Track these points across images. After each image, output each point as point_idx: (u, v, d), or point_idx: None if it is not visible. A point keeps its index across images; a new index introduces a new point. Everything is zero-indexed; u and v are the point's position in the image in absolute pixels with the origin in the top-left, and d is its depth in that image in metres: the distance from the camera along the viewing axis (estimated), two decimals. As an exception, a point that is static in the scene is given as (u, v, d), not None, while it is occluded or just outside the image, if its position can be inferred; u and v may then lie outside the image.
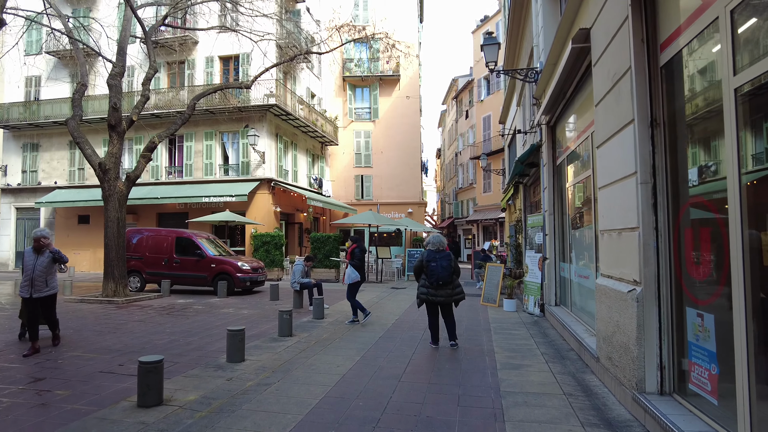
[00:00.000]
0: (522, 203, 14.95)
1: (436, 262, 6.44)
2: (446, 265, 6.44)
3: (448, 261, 6.49)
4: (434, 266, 6.42)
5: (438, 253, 6.53)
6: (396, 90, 27.52)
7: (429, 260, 6.47)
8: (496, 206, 28.55)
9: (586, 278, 6.81)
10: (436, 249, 6.58)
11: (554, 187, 9.11)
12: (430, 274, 6.44)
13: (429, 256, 6.51)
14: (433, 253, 6.53)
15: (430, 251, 6.57)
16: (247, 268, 12.53)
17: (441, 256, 6.50)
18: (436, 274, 6.41)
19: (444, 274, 6.42)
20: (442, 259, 6.48)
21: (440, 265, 6.42)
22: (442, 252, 6.58)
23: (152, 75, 11.46)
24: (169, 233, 13.03)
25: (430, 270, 6.43)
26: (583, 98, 6.72)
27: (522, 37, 12.71)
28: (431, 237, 6.78)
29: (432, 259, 6.47)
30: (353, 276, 8.52)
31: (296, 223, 22.36)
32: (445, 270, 6.41)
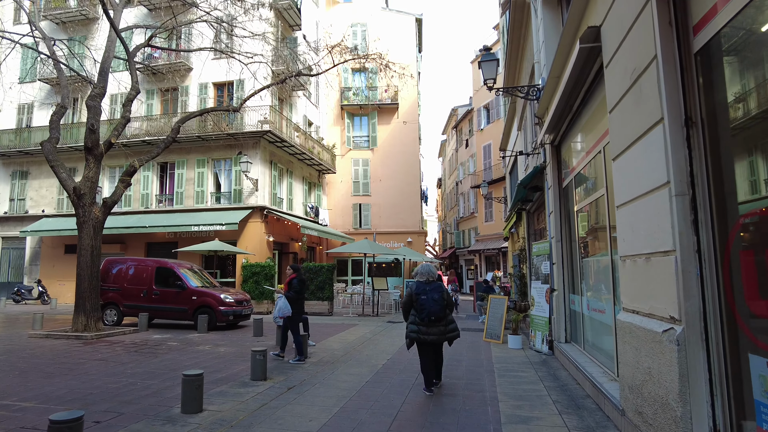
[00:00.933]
0: (525, 231, 14.16)
1: (426, 295, 5.60)
2: (438, 297, 5.61)
3: (440, 293, 5.66)
4: (424, 300, 5.58)
5: (428, 285, 5.70)
6: (395, 118, 27.19)
7: (418, 293, 5.64)
8: (499, 235, 27.74)
9: (601, 312, 5.95)
10: (425, 280, 5.76)
11: (561, 212, 8.35)
12: (420, 309, 5.60)
13: (418, 288, 5.68)
14: (422, 284, 5.70)
15: (419, 283, 5.74)
16: (230, 300, 11.66)
17: (431, 288, 5.68)
18: (427, 309, 5.56)
19: (436, 308, 5.57)
20: (433, 291, 5.65)
21: (431, 298, 5.58)
22: (433, 283, 5.75)
23: (133, 96, 10.95)
24: (149, 263, 12.22)
25: (420, 304, 5.59)
26: (592, 110, 6.04)
27: (522, 57, 12.24)
28: (420, 267, 5.95)
29: (421, 291, 5.64)
30: (285, 310, 7.77)
31: (290, 253, 21.53)
32: (436, 303, 5.58)
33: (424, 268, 5.87)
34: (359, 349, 8.91)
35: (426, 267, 5.87)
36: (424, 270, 5.84)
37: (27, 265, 21.07)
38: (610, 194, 5.39)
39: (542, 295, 8.93)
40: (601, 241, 6.03)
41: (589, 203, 6.39)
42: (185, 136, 18.79)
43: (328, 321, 13.73)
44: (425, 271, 5.83)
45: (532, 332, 9.39)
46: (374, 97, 26.82)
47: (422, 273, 5.83)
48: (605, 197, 5.49)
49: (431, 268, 5.90)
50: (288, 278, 8.24)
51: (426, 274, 5.80)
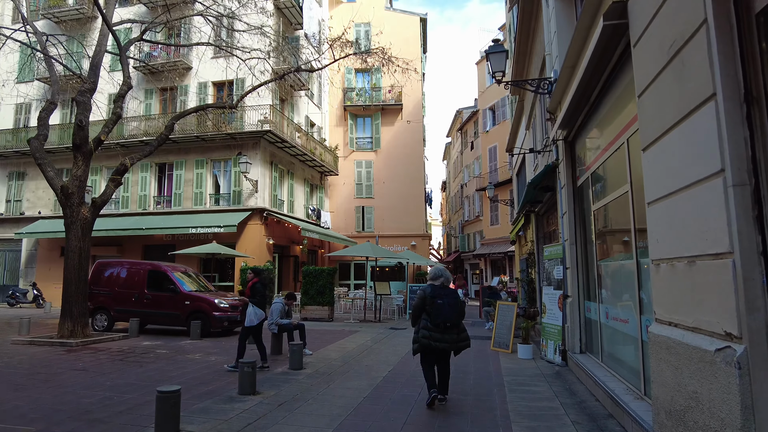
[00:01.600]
0: (534, 234, 13.58)
1: (442, 299, 5.19)
2: (453, 303, 5.22)
3: (455, 299, 5.28)
4: (441, 304, 5.16)
5: (443, 290, 5.29)
6: (399, 119, 26.69)
7: (434, 296, 5.21)
8: (505, 239, 27.12)
9: (623, 322, 5.38)
10: (440, 284, 5.33)
11: (575, 212, 7.78)
12: (435, 314, 5.14)
13: (434, 291, 5.26)
14: (439, 289, 5.29)
15: (435, 286, 5.32)
16: (225, 306, 11.14)
17: (446, 293, 5.28)
18: (444, 314, 5.13)
19: (452, 314, 5.17)
20: (448, 296, 5.25)
21: (447, 303, 5.16)
22: (448, 289, 5.34)
23: (125, 92, 10.50)
24: (142, 266, 11.74)
25: (436, 308, 5.15)
26: (613, 98, 5.49)
27: (531, 53, 11.70)
28: (435, 269, 5.53)
29: (437, 295, 5.22)
30: (259, 314, 7.42)
31: (291, 256, 21.03)
32: (452, 309, 5.18)
33: (440, 271, 5.47)
34: (359, 359, 8.36)
35: (441, 270, 5.49)
36: (439, 273, 5.44)
37: (23, 267, 20.67)
38: (635, 190, 4.84)
39: (555, 302, 8.35)
40: (623, 243, 5.47)
41: (609, 202, 5.83)
42: (184, 136, 18.38)
43: (328, 327, 13.18)
44: (441, 274, 5.42)
45: (543, 341, 8.80)
46: (378, 98, 26.35)
47: (437, 276, 5.41)
48: (629, 194, 4.94)
49: (447, 272, 5.49)
50: (250, 282, 7.72)
51: (442, 278, 5.38)
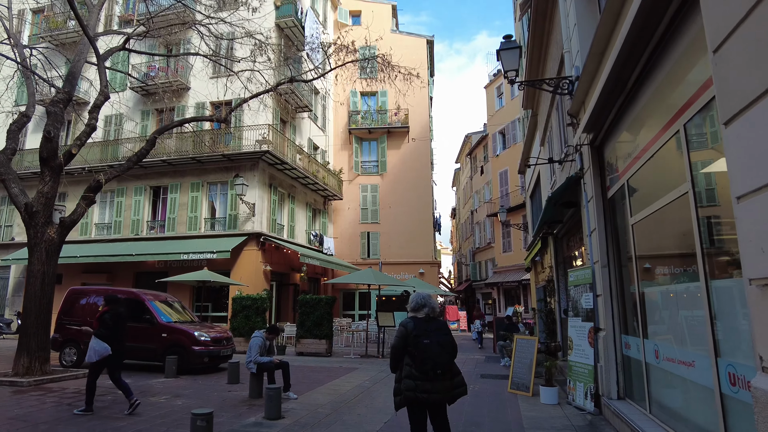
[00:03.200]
0: (553, 259, 12.29)
1: (429, 338, 3.80)
2: (444, 341, 3.83)
3: (446, 335, 3.89)
4: (427, 345, 3.77)
5: (429, 323, 3.90)
6: (405, 142, 25.83)
7: (418, 335, 3.81)
8: (519, 267, 25.69)
9: (686, 365, 4.08)
10: (425, 316, 3.95)
11: (606, 228, 6.57)
12: (421, 358, 3.76)
13: (417, 327, 3.85)
14: (423, 323, 3.89)
15: (418, 320, 3.91)
16: (205, 339, 9.92)
17: (435, 327, 3.89)
18: (432, 358, 3.75)
19: (443, 356, 3.79)
20: (438, 332, 3.85)
21: (436, 342, 3.80)
22: (435, 321, 3.96)
23: (101, 102, 9.66)
24: (116, 293, 10.60)
25: (422, 350, 3.77)
26: (661, 78, 4.36)
27: (546, 56, 10.72)
28: (416, 297, 4.06)
29: (422, 332, 3.83)
30: (99, 350, 6.18)
31: (291, 285, 19.81)
32: (443, 350, 3.80)
33: (423, 299, 4.02)
34: (352, 405, 7.05)
35: (425, 298, 4.04)
36: (421, 301, 4.00)
37: (9, 296, 19.70)
38: (698, 190, 3.66)
39: (584, 336, 7.02)
40: (682, 261, 4.24)
41: (657, 210, 4.62)
42: (179, 157, 17.60)
43: (324, 363, 11.85)
44: (424, 303, 3.99)
45: (570, 383, 7.42)
46: (384, 120, 25.59)
47: (419, 305, 3.99)
48: (689, 195, 3.74)
49: (432, 299, 4.09)
50: (99, 313, 6.59)
51: (425, 306, 3.98)
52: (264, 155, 17.05)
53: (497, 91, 31.54)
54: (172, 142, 17.96)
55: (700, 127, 3.66)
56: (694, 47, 3.58)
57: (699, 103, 3.54)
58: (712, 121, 3.46)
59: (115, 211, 18.76)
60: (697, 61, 3.56)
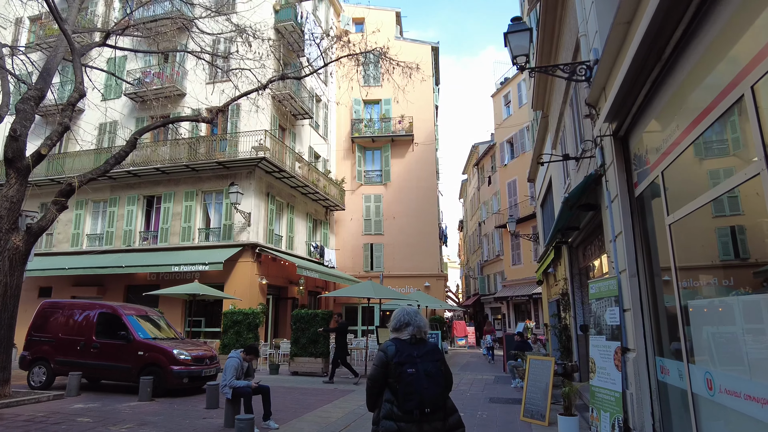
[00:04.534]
0: (567, 270, 11.30)
1: (415, 366, 2.89)
2: (434, 370, 2.92)
3: (438, 361, 2.98)
4: (413, 374, 2.87)
5: (416, 347, 2.99)
6: (410, 151, 25.05)
7: (401, 362, 2.91)
8: (529, 280, 24.60)
9: (762, 404, 3.11)
10: (410, 338, 3.04)
11: (635, 232, 5.64)
12: (406, 393, 2.85)
13: (400, 353, 2.94)
14: (407, 347, 2.98)
15: (401, 344, 3.00)
16: (185, 358, 9.02)
17: (423, 352, 2.98)
18: (419, 392, 2.84)
19: (433, 389, 2.88)
20: (426, 358, 2.95)
21: (424, 372, 2.89)
22: (425, 345, 3.04)
23: (76, 99, 8.95)
24: (91, 307, 9.81)
25: (407, 382, 2.86)
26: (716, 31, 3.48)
27: (558, 47, 9.88)
28: (399, 313, 3.15)
29: (406, 359, 2.91)
30: None
31: (289, 299, 18.90)
32: (433, 382, 2.90)
33: (408, 315, 3.10)
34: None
35: (411, 314, 3.12)
36: (405, 318, 3.09)
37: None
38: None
39: (609, 358, 6.03)
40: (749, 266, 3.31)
41: (708, 203, 3.70)
42: (173, 165, 16.91)
43: (317, 385, 10.89)
44: (409, 320, 3.08)
45: (593, 412, 6.41)
46: (387, 129, 24.87)
47: (402, 323, 3.09)
48: (762, 177, 2.83)
49: (419, 316, 3.14)
50: None
51: (410, 325, 3.06)
52: (260, 162, 16.31)
53: (504, 100, 30.79)
54: (167, 150, 17.30)
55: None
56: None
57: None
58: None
59: (107, 221, 18.07)
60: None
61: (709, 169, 3.78)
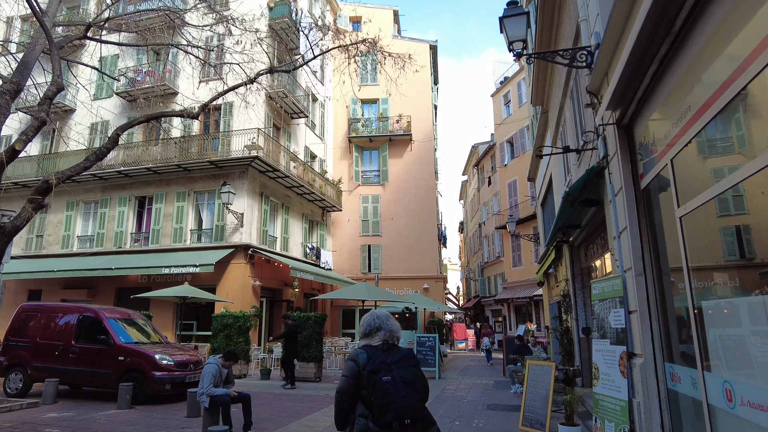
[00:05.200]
0: (569, 271, 10.87)
1: (390, 374, 2.58)
2: (411, 377, 2.63)
3: (413, 368, 2.69)
4: (387, 383, 2.55)
5: (389, 354, 2.69)
6: (408, 151, 24.65)
7: (374, 370, 2.59)
8: (530, 282, 24.14)
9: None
10: (381, 344, 2.72)
11: (641, 227, 5.22)
12: (380, 404, 2.51)
13: (372, 360, 2.62)
14: (379, 354, 2.68)
15: (373, 350, 2.70)
16: (168, 363, 8.60)
17: (397, 358, 2.68)
18: (397, 402, 2.52)
19: (411, 398, 2.57)
20: (401, 364, 2.65)
21: (401, 379, 2.59)
22: (398, 351, 2.75)
23: (53, 93, 8.55)
24: (72, 310, 9.40)
25: (381, 392, 2.53)
26: (727, 4, 3.07)
27: (558, 36, 9.47)
28: (369, 317, 2.85)
29: (380, 367, 2.60)
30: None
31: (284, 301, 18.46)
32: (411, 390, 2.59)
33: (380, 319, 2.81)
34: (323, 449, 5.66)
35: (379, 317, 2.82)
36: (375, 322, 2.79)
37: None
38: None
39: (614, 363, 5.60)
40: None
41: (723, 192, 3.29)
42: (164, 165, 16.52)
43: (309, 391, 10.45)
44: (380, 325, 2.77)
45: (596, 421, 5.98)
46: (385, 128, 24.47)
47: (372, 328, 2.78)
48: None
49: (390, 320, 2.84)
50: None
51: (380, 330, 2.75)
52: (253, 161, 15.91)
53: (504, 99, 30.40)
54: (158, 150, 16.92)
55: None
56: None
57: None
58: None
59: (98, 222, 17.68)
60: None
61: (726, 151, 3.36)
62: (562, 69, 9.26)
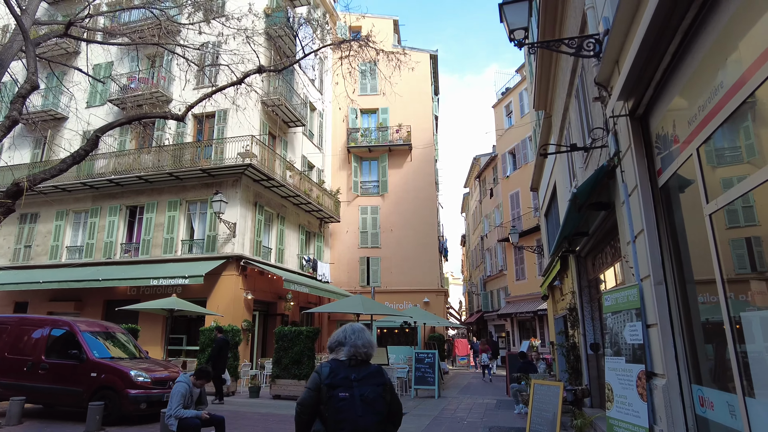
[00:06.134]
0: (575, 283, 10.23)
1: (349, 390, 2.44)
2: (373, 396, 2.47)
3: (378, 388, 2.51)
4: (344, 399, 2.41)
5: (354, 370, 2.53)
6: (407, 161, 24.17)
7: (333, 384, 2.45)
8: (533, 296, 23.42)
9: None
10: (349, 359, 2.56)
11: (660, 229, 4.63)
12: (335, 422, 2.39)
13: (334, 375, 2.48)
14: (345, 368, 2.52)
15: (338, 364, 2.55)
16: (144, 380, 7.97)
17: (363, 375, 2.53)
18: (352, 421, 2.38)
19: (369, 418, 2.42)
20: (365, 382, 2.50)
21: (360, 397, 2.43)
22: (366, 367, 2.58)
23: (27, 92, 8.09)
24: (44, 323, 8.80)
25: (336, 408, 2.40)
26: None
27: (562, 28, 8.98)
28: (339, 331, 2.68)
29: (340, 382, 2.46)
30: None
31: (278, 315, 17.80)
32: (370, 409, 2.43)
33: (350, 333, 2.63)
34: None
35: (345, 331, 2.66)
36: (338, 336, 2.66)
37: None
38: None
39: (630, 384, 4.97)
40: None
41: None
42: (156, 173, 16.05)
43: (298, 409, 9.76)
44: (342, 338, 2.63)
45: (611, 450, 5.31)
46: (385, 138, 24.04)
47: (335, 342, 2.65)
48: None
49: (363, 333, 2.65)
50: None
51: (343, 345, 2.61)
52: (247, 169, 15.43)
53: (506, 110, 30.01)
54: (150, 158, 16.47)
55: None
56: None
57: None
58: None
59: (88, 233, 17.16)
60: None
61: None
62: (567, 68, 8.79)
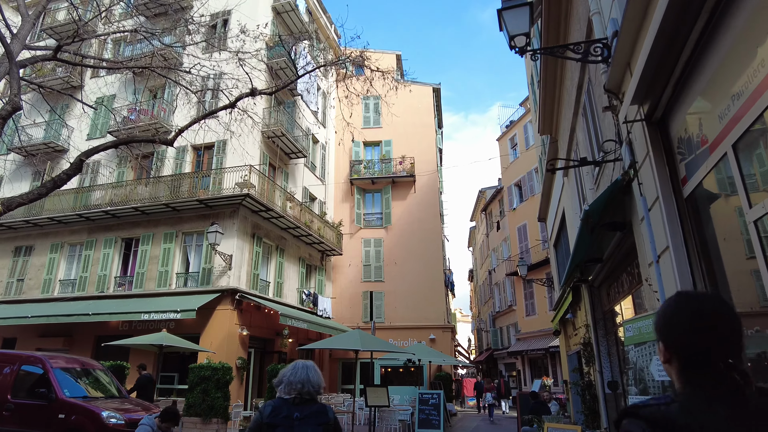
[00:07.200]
0: (589, 315, 9.48)
1: (290, 430, 2.34)
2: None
3: (318, 428, 2.38)
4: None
5: (298, 408, 2.40)
6: (412, 193, 23.78)
7: (273, 423, 2.36)
8: (544, 333, 22.41)
9: None
10: (293, 398, 2.41)
11: (689, 246, 4.03)
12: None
13: (276, 414, 2.38)
14: (289, 407, 2.40)
15: (282, 402, 2.43)
16: (117, 422, 7.26)
17: (305, 414, 2.39)
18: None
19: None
20: (305, 422, 2.37)
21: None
22: (311, 407, 2.43)
23: (8, 113, 7.79)
24: (14, 359, 8.18)
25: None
26: None
27: (566, 36, 8.64)
28: (289, 368, 2.59)
29: (281, 422, 2.35)
30: None
31: (276, 352, 16.99)
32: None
33: (297, 371, 2.51)
34: None
35: (300, 369, 2.52)
36: (292, 376, 2.49)
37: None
38: None
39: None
40: None
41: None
42: (153, 205, 15.72)
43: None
44: (286, 375, 2.50)
45: None
46: (388, 170, 23.77)
47: (290, 382, 2.47)
48: None
49: (311, 371, 2.54)
50: None
51: (295, 382, 2.45)
52: (245, 200, 15.04)
53: (510, 143, 29.84)
54: (147, 189, 16.18)
55: None
56: None
57: None
58: None
59: (82, 266, 16.70)
60: None
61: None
62: (572, 86, 8.41)
